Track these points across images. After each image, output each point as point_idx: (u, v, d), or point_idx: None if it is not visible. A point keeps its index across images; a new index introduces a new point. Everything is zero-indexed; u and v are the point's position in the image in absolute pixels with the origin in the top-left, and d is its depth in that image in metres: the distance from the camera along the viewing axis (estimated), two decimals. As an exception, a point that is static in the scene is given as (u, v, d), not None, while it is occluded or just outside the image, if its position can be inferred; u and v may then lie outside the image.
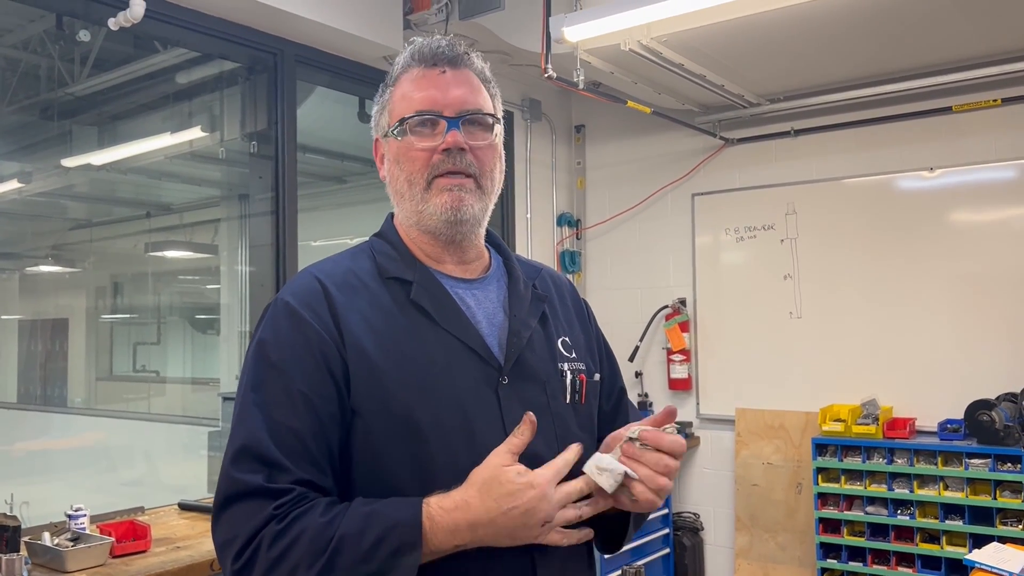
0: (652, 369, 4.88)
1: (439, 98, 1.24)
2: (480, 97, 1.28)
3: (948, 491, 3.74)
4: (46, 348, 5.73)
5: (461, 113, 1.25)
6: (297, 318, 1.18)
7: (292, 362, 1.16)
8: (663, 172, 4.87)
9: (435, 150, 1.23)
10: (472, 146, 1.24)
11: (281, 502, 1.08)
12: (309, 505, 1.09)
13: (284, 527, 1.06)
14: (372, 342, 1.18)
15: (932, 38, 3.60)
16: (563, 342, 1.34)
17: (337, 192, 5.40)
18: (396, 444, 1.15)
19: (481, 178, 1.26)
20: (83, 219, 5.59)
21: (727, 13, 3.18)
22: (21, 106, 4.32)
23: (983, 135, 3.95)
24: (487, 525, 1.09)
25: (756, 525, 4.45)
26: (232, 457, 1.13)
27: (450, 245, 1.28)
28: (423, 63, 1.27)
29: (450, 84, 1.25)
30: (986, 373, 3.86)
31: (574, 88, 3.62)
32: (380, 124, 1.32)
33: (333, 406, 1.15)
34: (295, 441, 1.12)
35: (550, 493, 1.11)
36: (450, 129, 1.23)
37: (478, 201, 1.26)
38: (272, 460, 1.11)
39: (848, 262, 4.25)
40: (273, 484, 1.09)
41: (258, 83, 3.66)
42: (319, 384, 1.15)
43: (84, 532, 2.46)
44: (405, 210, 1.29)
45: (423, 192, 1.24)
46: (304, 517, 1.07)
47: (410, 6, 3.81)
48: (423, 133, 1.24)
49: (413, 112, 1.24)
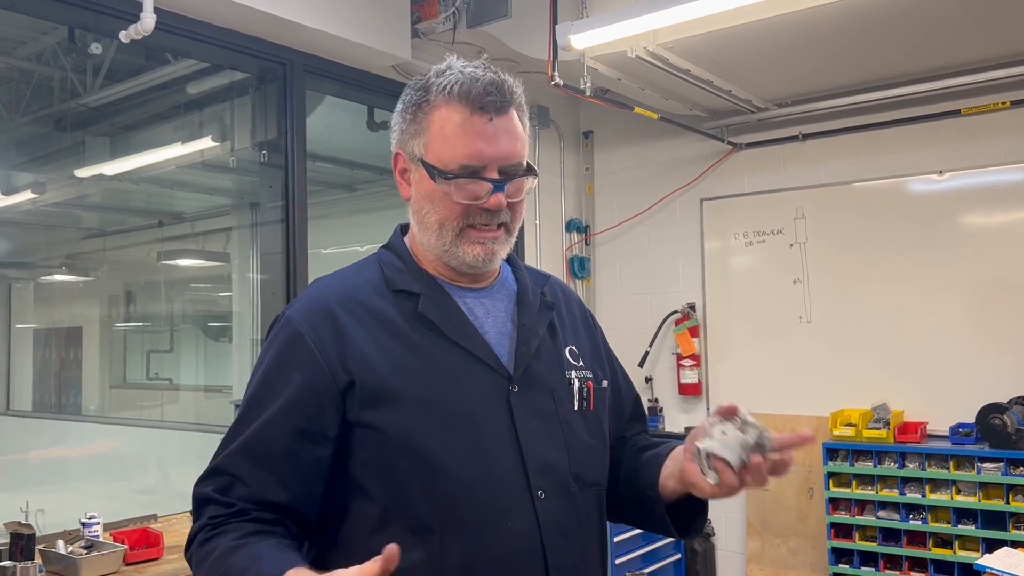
0: (662, 374, 4.88)
1: (486, 152, 1.21)
2: (521, 144, 1.25)
3: (960, 495, 3.72)
4: (60, 356, 5.78)
5: (505, 169, 1.22)
6: (296, 337, 1.21)
7: (281, 380, 1.19)
8: (671, 177, 4.87)
9: (475, 206, 1.22)
10: (510, 202, 1.24)
11: (216, 513, 1.16)
12: (232, 524, 1.15)
13: (209, 537, 1.14)
14: (378, 357, 1.19)
15: (940, 41, 3.59)
16: (570, 350, 1.35)
17: (347, 200, 5.43)
18: (406, 457, 1.16)
19: (511, 225, 1.27)
20: (96, 228, 5.64)
21: (733, 19, 3.18)
22: (35, 117, 4.37)
23: (992, 138, 3.94)
24: None
25: (767, 530, 4.44)
26: (201, 474, 1.21)
27: (464, 275, 1.30)
28: (471, 104, 1.21)
29: (496, 136, 1.21)
30: (998, 377, 3.84)
31: (581, 95, 3.64)
32: (409, 146, 1.26)
33: (313, 425, 1.18)
34: (263, 455, 1.17)
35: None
36: (495, 191, 1.21)
37: (505, 247, 1.28)
38: (233, 473, 1.17)
39: (858, 266, 4.24)
40: (220, 497, 1.16)
41: (268, 93, 3.69)
42: (303, 403, 1.18)
43: (98, 540, 2.49)
44: (429, 242, 1.27)
45: (454, 237, 1.24)
46: (223, 535, 1.14)
47: (418, 15, 3.84)
48: (465, 187, 1.21)
49: (457, 165, 1.20)
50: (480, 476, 1.17)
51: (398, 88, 1.37)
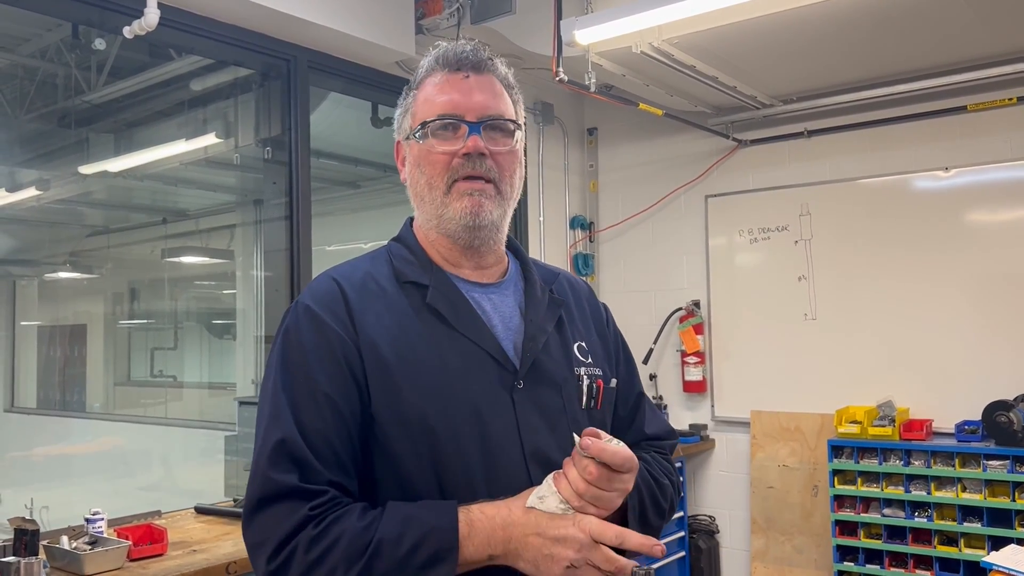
0: (666, 372, 4.87)
1: (461, 102, 1.25)
2: (502, 103, 1.29)
3: (966, 493, 3.71)
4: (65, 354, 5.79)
5: (482, 118, 1.25)
6: (318, 321, 1.19)
7: (316, 365, 1.17)
8: (676, 174, 4.86)
9: (456, 154, 1.24)
10: (493, 151, 1.25)
11: (316, 503, 1.08)
12: (346, 509, 1.10)
13: (322, 530, 1.07)
14: (388, 346, 1.19)
15: (946, 37, 3.58)
16: (579, 347, 1.34)
17: (351, 197, 5.43)
18: (412, 447, 1.16)
19: (501, 183, 1.26)
20: (100, 226, 5.65)
21: (738, 15, 3.17)
22: (39, 114, 4.37)
23: (998, 134, 3.92)
24: (520, 539, 1.08)
25: (772, 528, 4.43)
26: (268, 457, 1.12)
27: (468, 250, 1.29)
28: (447, 67, 1.28)
29: (473, 89, 1.26)
30: (1003, 374, 3.83)
31: (586, 91, 3.63)
32: (402, 127, 1.33)
33: (356, 407, 1.16)
34: (323, 444, 1.13)
35: (590, 545, 1.08)
36: (471, 134, 1.24)
37: (497, 207, 1.26)
38: (305, 461, 1.11)
39: (863, 263, 4.22)
40: (308, 485, 1.09)
41: (272, 89, 3.69)
42: (342, 386, 1.16)
43: (102, 536, 2.49)
44: (425, 213, 1.29)
45: (443, 196, 1.25)
46: (341, 520, 1.08)
47: (422, 11, 3.83)
48: (444, 137, 1.25)
49: (435, 116, 1.25)
50: (483, 470, 1.16)
51: (402, 84, 1.39)
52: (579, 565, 1.07)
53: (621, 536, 1.08)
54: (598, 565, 1.07)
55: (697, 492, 4.78)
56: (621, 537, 1.08)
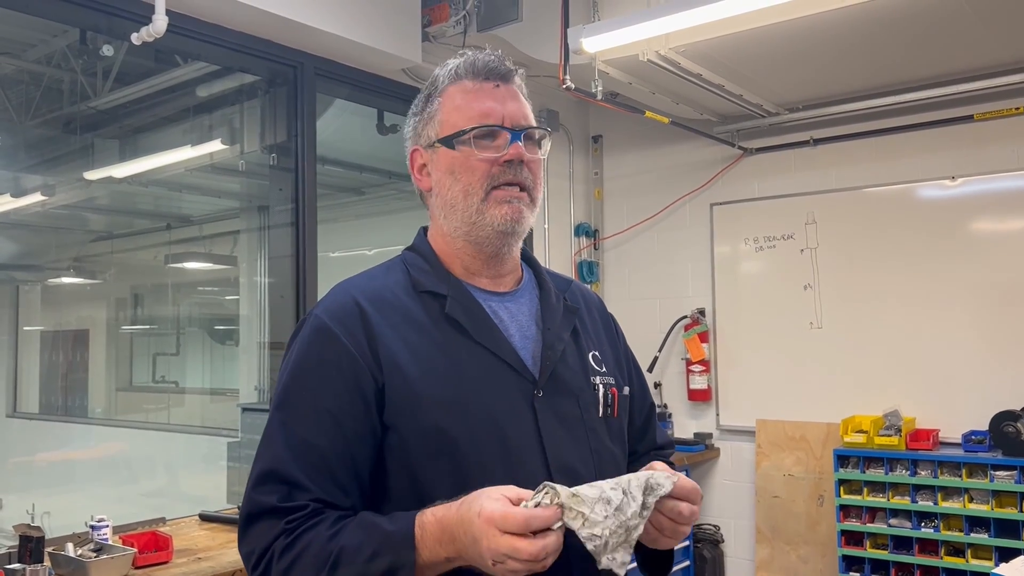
0: (671, 380, 4.86)
1: (499, 110, 1.25)
2: (530, 112, 1.31)
3: (973, 503, 3.69)
4: (67, 359, 5.79)
5: (519, 127, 1.26)
6: (329, 335, 1.19)
7: (322, 380, 1.17)
8: (681, 182, 4.85)
9: (496, 161, 1.24)
10: (528, 159, 1.26)
11: (292, 518, 1.11)
12: (318, 519, 1.12)
13: (292, 540, 1.10)
14: (407, 357, 1.19)
15: (953, 46, 3.57)
16: (593, 356, 1.35)
17: (355, 204, 5.43)
18: (432, 459, 1.15)
19: (533, 191, 1.28)
20: (104, 231, 5.65)
21: (745, 23, 3.17)
22: (44, 120, 4.37)
23: (1005, 143, 3.91)
24: (457, 529, 1.04)
25: (777, 537, 4.41)
26: (255, 480, 1.16)
27: (493, 258, 1.29)
28: (476, 76, 1.28)
29: (506, 97, 1.27)
30: (1011, 383, 3.81)
31: (592, 99, 3.62)
32: (424, 134, 1.31)
33: (361, 426, 1.16)
34: (318, 459, 1.14)
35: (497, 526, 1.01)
36: (513, 141, 1.24)
37: (532, 214, 1.28)
38: (291, 479, 1.13)
39: (869, 272, 4.21)
40: (287, 503, 1.13)
41: (278, 96, 3.69)
42: (347, 403, 1.16)
43: (107, 543, 2.47)
44: (455, 220, 1.27)
45: (480, 203, 1.24)
46: (311, 531, 1.10)
47: (428, 19, 3.83)
48: (484, 145, 1.24)
49: (474, 124, 1.24)
50: (506, 479, 1.14)
51: (408, 91, 1.41)
52: (501, 560, 1.01)
53: (528, 521, 1.01)
54: (512, 556, 1.00)
55: (702, 501, 4.75)
56: (528, 523, 1.01)
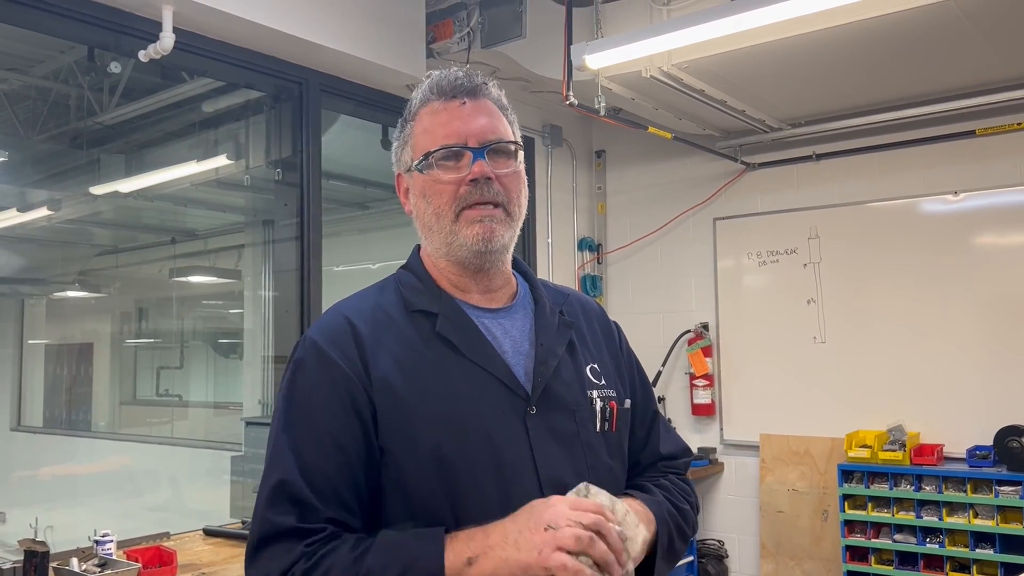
0: (675, 394, 4.86)
1: (462, 129, 1.24)
2: (501, 125, 1.28)
3: (978, 519, 3.68)
4: (71, 373, 5.80)
5: (484, 143, 1.25)
6: (325, 358, 1.19)
7: (320, 403, 1.17)
8: (684, 197, 4.87)
9: (462, 182, 1.23)
10: (498, 175, 1.25)
11: (311, 540, 1.10)
12: (338, 542, 1.11)
13: (313, 564, 1.08)
14: (399, 378, 1.19)
15: (954, 62, 3.59)
16: (592, 369, 1.33)
17: (359, 218, 5.45)
18: (426, 479, 1.15)
19: (509, 205, 1.26)
20: (109, 245, 5.67)
21: (747, 40, 3.19)
22: (51, 135, 4.40)
23: (1007, 158, 3.92)
24: (499, 530, 1.08)
25: (781, 552, 4.39)
26: (266, 499, 1.14)
27: (478, 274, 1.29)
28: (442, 96, 1.27)
29: (471, 115, 1.26)
30: (1015, 398, 3.80)
31: (595, 115, 3.64)
32: (402, 159, 1.32)
33: (360, 446, 1.16)
34: (324, 482, 1.14)
35: (557, 503, 1.09)
36: (476, 160, 1.23)
37: (508, 229, 1.26)
38: (303, 501, 1.13)
39: (872, 286, 4.22)
40: (304, 524, 1.11)
41: (283, 111, 3.71)
42: (346, 425, 1.16)
43: (111, 558, 2.47)
44: (434, 242, 1.28)
45: (451, 224, 1.24)
46: (332, 554, 1.09)
47: (433, 35, 3.86)
48: (448, 166, 1.24)
49: (438, 146, 1.24)
50: (499, 498, 1.15)
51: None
52: (556, 524, 1.05)
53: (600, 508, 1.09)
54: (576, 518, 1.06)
55: (706, 516, 4.74)
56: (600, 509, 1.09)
